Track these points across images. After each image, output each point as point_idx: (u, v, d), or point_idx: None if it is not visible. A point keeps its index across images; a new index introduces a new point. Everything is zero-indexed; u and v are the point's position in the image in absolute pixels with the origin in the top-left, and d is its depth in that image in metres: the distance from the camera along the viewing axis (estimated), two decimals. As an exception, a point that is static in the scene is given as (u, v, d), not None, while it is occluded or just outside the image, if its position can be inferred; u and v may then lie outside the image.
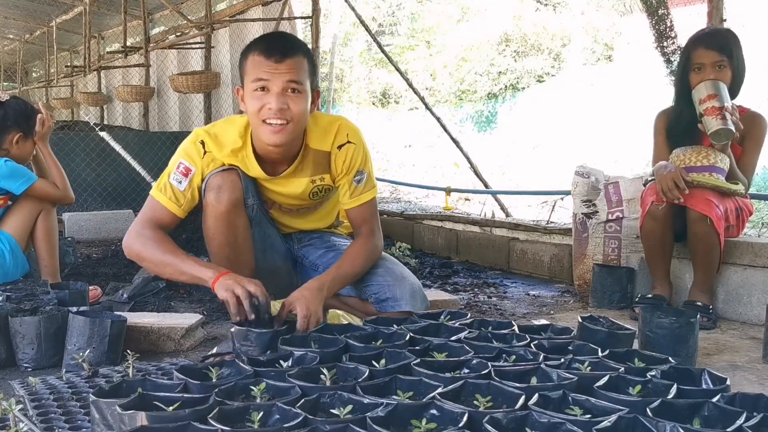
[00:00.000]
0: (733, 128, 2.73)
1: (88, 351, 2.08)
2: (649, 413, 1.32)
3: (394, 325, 2.00)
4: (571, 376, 1.53)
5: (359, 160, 2.24)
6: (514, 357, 1.72)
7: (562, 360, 1.69)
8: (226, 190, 2.13)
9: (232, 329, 1.97)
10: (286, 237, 2.44)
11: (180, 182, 2.15)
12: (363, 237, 2.26)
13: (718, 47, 2.87)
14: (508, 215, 5.86)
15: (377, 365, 1.64)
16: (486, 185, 6.53)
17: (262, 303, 1.94)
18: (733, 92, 2.92)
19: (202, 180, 2.18)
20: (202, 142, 2.18)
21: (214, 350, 2.25)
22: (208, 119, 8.25)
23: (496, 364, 1.64)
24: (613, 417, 1.29)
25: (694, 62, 2.91)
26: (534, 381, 1.53)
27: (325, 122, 2.23)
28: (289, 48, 2.03)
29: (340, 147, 2.22)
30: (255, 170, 2.19)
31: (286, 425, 1.28)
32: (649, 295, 2.86)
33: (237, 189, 2.15)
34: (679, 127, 3.01)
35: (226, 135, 2.18)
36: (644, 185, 2.99)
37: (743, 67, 2.94)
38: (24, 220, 3.05)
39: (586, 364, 1.64)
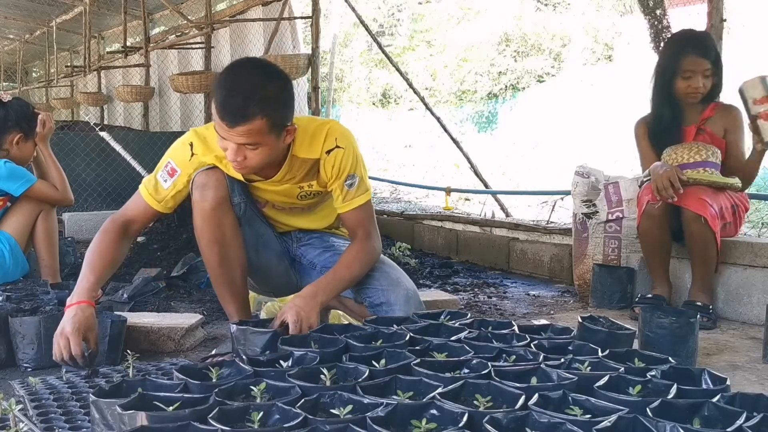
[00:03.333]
0: None
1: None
2: (649, 413, 1.32)
3: (394, 325, 1.99)
4: (571, 376, 1.53)
5: (349, 164, 2.19)
6: (514, 357, 1.72)
7: (562, 360, 1.68)
8: (210, 188, 2.14)
9: (233, 329, 1.97)
10: (284, 235, 2.43)
11: (165, 181, 2.18)
12: (359, 241, 2.23)
13: (707, 55, 2.92)
14: (508, 215, 5.86)
15: (377, 365, 1.64)
16: (486, 185, 6.52)
17: (79, 364, 1.91)
18: (713, 95, 3.00)
19: (188, 181, 2.19)
20: (191, 144, 2.18)
21: (214, 351, 2.25)
22: (208, 119, 8.25)
23: (496, 364, 1.64)
24: (613, 417, 1.29)
25: (683, 69, 2.92)
26: (534, 381, 1.53)
27: (314, 128, 2.19)
28: (244, 114, 1.91)
29: (328, 152, 2.19)
30: (238, 176, 2.19)
31: (286, 425, 1.28)
32: (649, 295, 2.87)
33: (222, 187, 2.16)
34: (659, 129, 3.04)
35: (215, 140, 2.17)
36: (639, 186, 3.01)
37: (722, 68, 3.00)
38: (24, 220, 3.05)
39: (586, 364, 1.64)
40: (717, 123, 2.98)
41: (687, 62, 2.91)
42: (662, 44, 4.97)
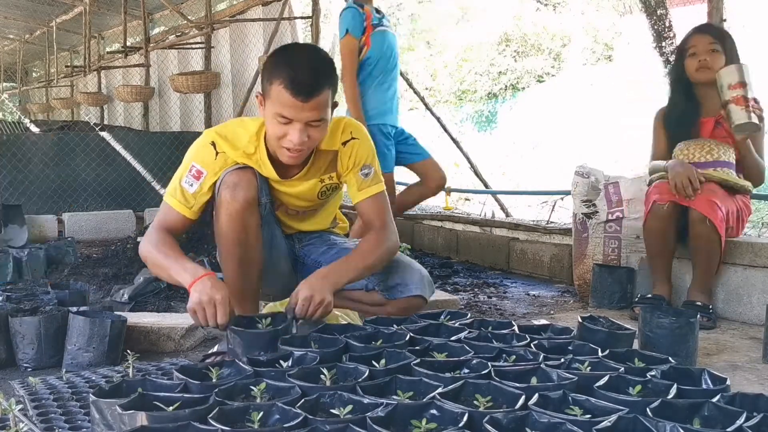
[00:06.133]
0: (758, 123, 2.77)
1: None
2: (649, 413, 1.33)
3: (394, 325, 2.00)
4: (571, 376, 1.53)
5: (364, 154, 2.25)
6: (514, 357, 1.72)
7: (562, 360, 1.69)
8: (242, 188, 2.12)
9: (228, 333, 1.95)
10: (288, 237, 2.44)
11: (191, 185, 2.15)
12: (376, 231, 2.24)
13: (711, 33, 2.99)
14: (508, 215, 5.86)
15: (377, 365, 1.65)
16: (486, 185, 6.52)
17: (221, 323, 1.91)
18: None
19: (216, 181, 2.17)
20: (213, 143, 2.16)
21: (215, 349, 2.25)
22: (208, 119, 8.26)
23: (496, 364, 1.64)
24: (613, 417, 1.29)
25: (688, 47, 2.99)
26: (534, 381, 1.53)
27: (332, 122, 2.24)
28: (316, 86, 1.98)
29: (344, 143, 2.23)
30: (269, 172, 2.19)
31: (286, 425, 1.29)
32: (649, 295, 2.87)
33: (252, 187, 2.15)
34: (675, 117, 3.06)
35: (238, 138, 2.17)
36: (648, 185, 3.00)
37: (735, 51, 2.99)
38: None
39: (586, 364, 1.64)
40: None
41: (692, 40, 2.99)
42: (664, 44, 4.99)
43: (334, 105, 2.13)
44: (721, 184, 2.80)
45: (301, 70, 1.98)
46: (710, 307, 2.78)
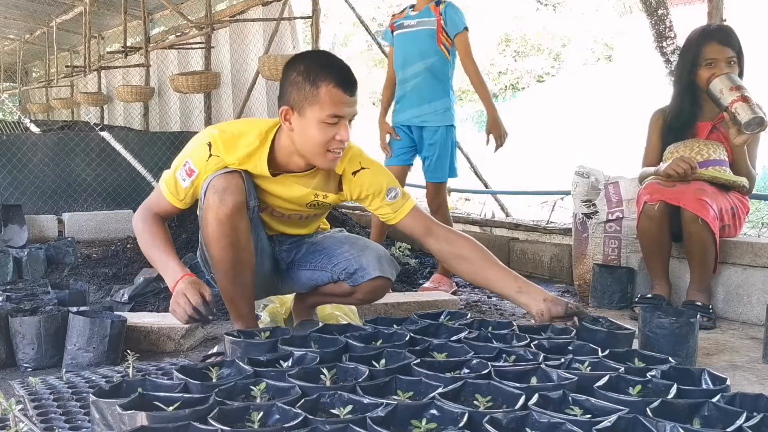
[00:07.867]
0: (765, 117, 2.76)
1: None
2: (649, 413, 1.33)
3: (394, 325, 2.00)
4: (571, 376, 1.53)
5: (384, 181, 2.27)
6: (514, 357, 1.73)
7: (562, 360, 1.69)
8: (231, 192, 2.10)
9: (227, 341, 1.95)
10: (268, 238, 2.43)
11: (184, 180, 2.18)
12: (446, 232, 2.28)
13: (730, 43, 2.90)
14: (508, 215, 5.86)
15: (377, 365, 1.65)
16: (486, 185, 6.51)
17: (203, 312, 2.01)
18: None
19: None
20: (209, 144, 2.15)
21: (214, 349, 2.25)
22: (208, 119, 8.26)
23: (496, 364, 1.64)
24: (613, 417, 1.29)
25: (705, 57, 2.89)
26: (534, 381, 1.53)
27: None
28: (356, 81, 2.10)
29: (354, 173, 2.23)
30: (263, 170, 2.18)
31: (286, 425, 1.29)
32: (649, 295, 2.87)
33: (241, 192, 2.13)
34: (678, 121, 3.02)
35: (242, 136, 2.16)
36: (640, 182, 3.00)
37: (744, 63, 2.97)
38: None
39: (586, 364, 1.64)
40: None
41: (709, 50, 2.89)
42: (665, 44, 4.97)
43: None
44: (711, 182, 2.81)
45: (343, 67, 2.10)
46: (710, 307, 2.78)
